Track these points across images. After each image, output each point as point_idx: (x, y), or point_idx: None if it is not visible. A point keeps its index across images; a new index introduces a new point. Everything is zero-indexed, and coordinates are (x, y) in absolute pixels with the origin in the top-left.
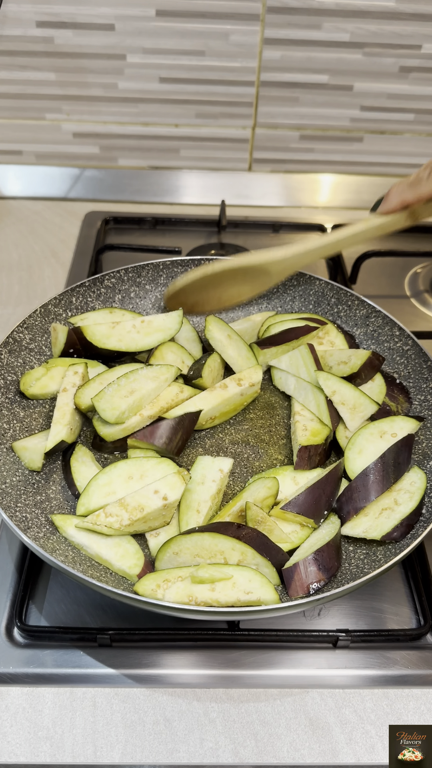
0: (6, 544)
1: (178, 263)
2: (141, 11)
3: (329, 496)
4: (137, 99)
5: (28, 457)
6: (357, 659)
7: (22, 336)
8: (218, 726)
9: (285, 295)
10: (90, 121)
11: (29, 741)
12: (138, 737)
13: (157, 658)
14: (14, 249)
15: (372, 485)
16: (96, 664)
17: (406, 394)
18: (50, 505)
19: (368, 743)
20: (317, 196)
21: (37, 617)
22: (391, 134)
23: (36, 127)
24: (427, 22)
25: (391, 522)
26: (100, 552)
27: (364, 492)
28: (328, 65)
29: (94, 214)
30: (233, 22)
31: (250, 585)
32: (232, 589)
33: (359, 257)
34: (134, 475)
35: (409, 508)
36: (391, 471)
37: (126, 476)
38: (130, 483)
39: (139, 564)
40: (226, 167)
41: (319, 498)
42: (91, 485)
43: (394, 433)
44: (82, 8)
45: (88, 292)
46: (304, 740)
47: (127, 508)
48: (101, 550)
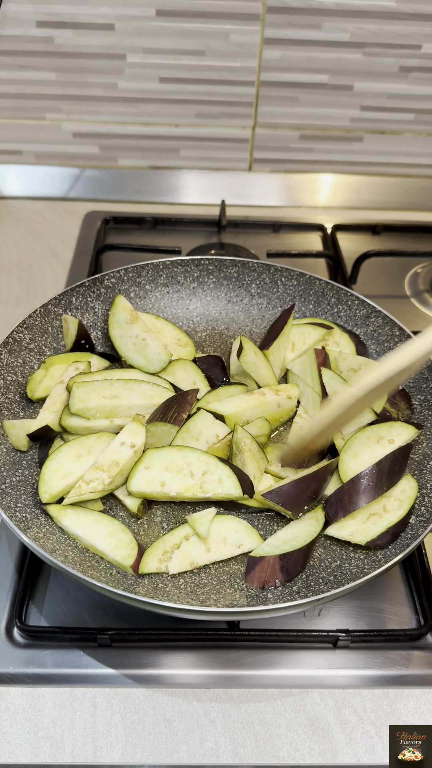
0: (6, 544)
1: (178, 263)
2: (141, 11)
3: (313, 493)
4: (137, 99)
5: (15, 435)
6: (357, 659)
7: (22, 336)
8: (218, 726)
9: (285, 295)
10: (90, 121)
11: (29, 741)
12: (138, 737)
13: (157, 658)
14: (14, 249)
15: (364, 491)
16: (96, 664)
17: (407, 400)
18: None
19: (368, 743)
20: (317, 196)
21: (37, 617)
22: (391, 134)
23: (36, 127)
24: (427, 22)
25: (377, 528)
26: (95, 542)
27: (355, 497)
28: (328, 65)
29: (94, 214)
30: (233, 22)
31: (238, 536)
32: (224, 546)
33: (359, 257)
34: (82, 453)
35: (396, 516)
36: (384, 479)
37: (75, 456)
38: (81, 461)
39: (133, 555)
40: (226, 167)
41: (302, 492)
42: (45, 473)
43: (391, 439)
44: (82, 8)
45: (88, 292)
46: (304, 740)
47: (103, 468)
48: (95, 541)
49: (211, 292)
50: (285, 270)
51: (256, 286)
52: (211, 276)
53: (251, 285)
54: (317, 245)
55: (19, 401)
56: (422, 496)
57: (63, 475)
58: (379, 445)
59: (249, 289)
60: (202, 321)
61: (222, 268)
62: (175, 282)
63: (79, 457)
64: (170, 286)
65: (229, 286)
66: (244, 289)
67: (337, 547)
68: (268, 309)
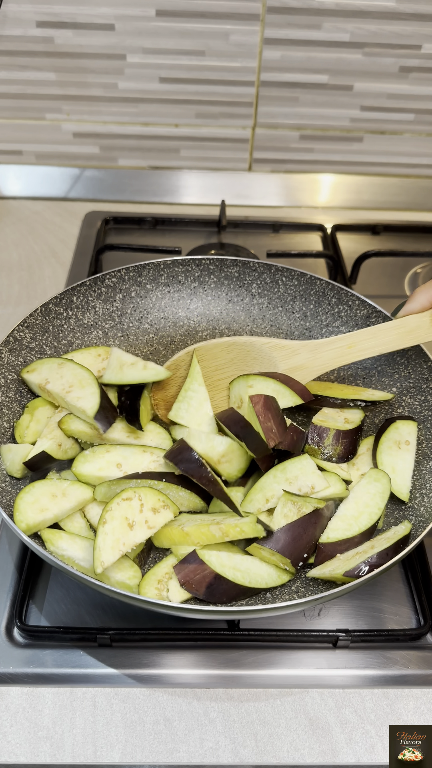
0: (6, 544)
1: (179, 263)
2: (141, 11)
3: (311, 538)
4: (137, 99)
5: (10, 460)
6: (357, 659)
7: (22, 335)
8: (218, 726)
9: (286, 295)
10: (90, 121)
11: (29, 741)
12: (138, 737)
13: (157, 658)
14: (14, 249)
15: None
16: (96, 664)
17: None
18: None
19: (368, 743)
20: (317, 196)
21: (37, 617)
22: (391, 134)
23: (36, 127)
24: (427, 22)
25: (357, 560)
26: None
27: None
28: (328, 65)
29: (94, 214)
30: (233, 22)
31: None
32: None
33: (359, 257)
34: (57, 494)
35: (369, 525)
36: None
37: (50, 495)
38: (56, 500)
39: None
40: (226, 167)
41: (299, 537)
42: (20, 503)
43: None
44: (82, 8)
45: (89, 292)
46: (304, 740)
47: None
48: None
49: (212, 292)
50: (286, 270)
51: (257, 286)
52: (212, 276)
53: (252, 285)
54: (317, 245)
55: (19, 400)
56: (422, 496)
57: (39, 509)
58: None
59: (250, 288)
60: (203, 320)
61: (223, 267)
62: (176, 282)
63: (54, 496)
64: (171, 286)
65: (230, 286)
66: (245, 289)
67: None
68: (269, 309)
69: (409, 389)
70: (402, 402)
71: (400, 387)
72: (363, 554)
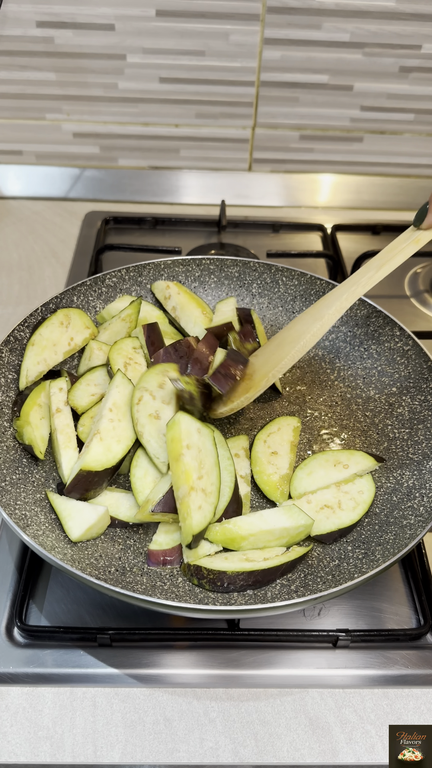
0: (6, 544)
1: (179, 263)
2: (141, 11)
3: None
4: (137, 99)
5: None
6: (357, 659)
7: (23, 335)
8: (218, 726)
9: (286, 295)
10: (90, 121)
11: (29, 741)
12: (138, 737)
13: (157, 658)
14: (14, 249)
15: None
16: (96, 663)
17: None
18: (50, 504)
19: (368, 743)
20: (317, 196)
21: (37, 617)
22: (391, 134)
23: (36, 127)
24: (427, 22)
25: (328, 525)
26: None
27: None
28: (328, 65)
29: (94, 214)
30: (233, 22)
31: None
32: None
33: (359, 257)
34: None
35: (349, 519)
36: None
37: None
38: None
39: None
40: (226, 167)
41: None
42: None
43: (347, 465)
44: (82, 8)
45: (89, 291)
46: (304, 740)
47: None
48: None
49: (212, 292)
50: (286, 270)
51: (257, 286)
52: (212, 276)
53: (252, 285)
54: (317, 245)
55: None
56: (422, 496)
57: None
58: (335, 469)
59: (250, 288)
60: None
61: (223, 267)
62: (176, 281)
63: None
64: None
65: (230, 286)
66: (246, 289)
67: (335, 547)
68: (269, 309)
69: (409, 389)
70: (402, 402)
71: (400, 387)
72: (330, 511)
